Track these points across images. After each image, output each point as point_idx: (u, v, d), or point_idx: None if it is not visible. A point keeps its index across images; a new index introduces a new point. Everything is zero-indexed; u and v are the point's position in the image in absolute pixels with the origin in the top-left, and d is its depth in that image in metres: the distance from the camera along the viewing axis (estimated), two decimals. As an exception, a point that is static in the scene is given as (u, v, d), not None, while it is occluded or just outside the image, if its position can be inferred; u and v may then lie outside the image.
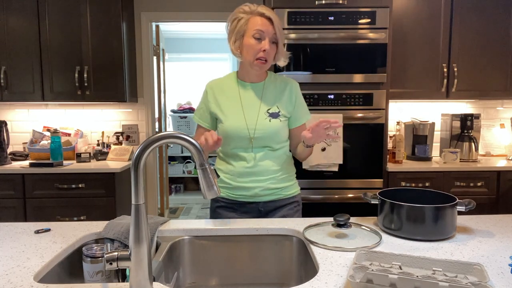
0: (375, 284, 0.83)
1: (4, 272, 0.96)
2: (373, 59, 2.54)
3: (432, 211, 1.16)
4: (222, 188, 1.57)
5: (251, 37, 1.44)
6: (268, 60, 1.46)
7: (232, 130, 1.49)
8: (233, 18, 1.50)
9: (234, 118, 1.50)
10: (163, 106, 4.16)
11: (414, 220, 1.17)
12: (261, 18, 1.44)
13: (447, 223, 1.17)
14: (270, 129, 1.49)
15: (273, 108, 1.52)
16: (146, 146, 0.84)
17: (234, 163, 1.53)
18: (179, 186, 5.43)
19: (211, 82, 1.59)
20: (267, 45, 1.43)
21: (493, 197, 2.70)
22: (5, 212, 2.71)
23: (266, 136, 1.49)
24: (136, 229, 0.83)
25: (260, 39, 1.43)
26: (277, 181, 1.53)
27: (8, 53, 2.91)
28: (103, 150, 3.09)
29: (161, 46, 4.10)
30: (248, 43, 1.44)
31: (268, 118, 1.50)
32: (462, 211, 1.22)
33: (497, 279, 0.91)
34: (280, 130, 1.51)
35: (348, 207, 2.52)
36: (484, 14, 2.86)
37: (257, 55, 1.44)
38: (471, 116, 2.94)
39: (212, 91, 1.56)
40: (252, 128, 1.48)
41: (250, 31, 1.44)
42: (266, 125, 1.48)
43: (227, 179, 1.54)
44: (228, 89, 1.56)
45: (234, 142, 1.51)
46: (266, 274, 1.30)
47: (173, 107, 5.51)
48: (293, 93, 1.56)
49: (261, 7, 1.46)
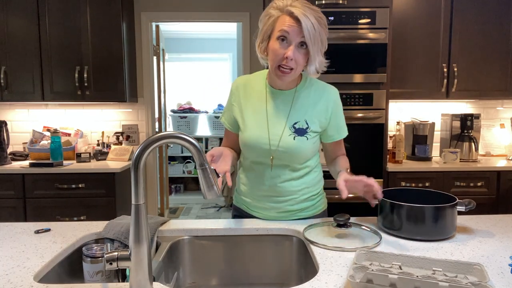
0: (375, 284, 0.83)
1: (4, 272, 0.96)
2: (373, 59, 2.54)
3: (432, 211, 1.16)
4: (241, 200, 1.46)
5: (276, 39, 1.20)
6: (294, 69, 1.21)
7: (252, 141, 1.31)
8: (264, 15, 1.25)
9: (256, 128, 1.31)
10: (163, 106, 4.16)
11: (414, 220, 1.17)
12: (290, 17, 1.18)
13: (447, 223, 1.17)
14: (293, 149, 1.29)
15: (301, 122, 1.30)
16: (146, 146, 0.84)
17: (251, 178, 1.39)
18: (179, 186, 5.43)
19: (238, 80, 1.40)
20: (290, 51, 1.17)
21: (493, 197, 2.70)
22: (5, 212, 2.71)
23: (288, 156, 1.30)
24: (136, 229, 0.83)
25: (285, 41, 1.19)
26: (297, 202, 1.36)
27: (8, 53, 2.91)
28: (103, 150, 3.09)
29: (161, 46, 4.10)
30: (272, 46, 1.21)
31: (292, 135, 1.29)
32: (462, 211, 1.22)
33: (497, 279, 0.91)
34: (304, 149, 1.30)
35: (348, 207, 2.52)
36: (484, 14, 2.86)
37: (280, 62, 1.20)
38: (471, 116, 2.94)
39: (238, 93, 1.38)
40: (275, 144, 1.29)
41: (275, 32, 1.20)
42: (289, 144, 1.29)
43: (246, 191, 1.42)
44: (255, 93, 1.36)
45: (253, 155, 1.35)
46: (266, 274, 1.30)
47: (173, 107, 5.51)
48: (330, 104, 1.33)
49: (295, 2, 1.19)
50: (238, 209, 1.49)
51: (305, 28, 1.15)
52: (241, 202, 1.47)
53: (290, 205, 1.36)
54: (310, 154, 1.35)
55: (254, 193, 1.39)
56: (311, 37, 1.16)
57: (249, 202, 1.43)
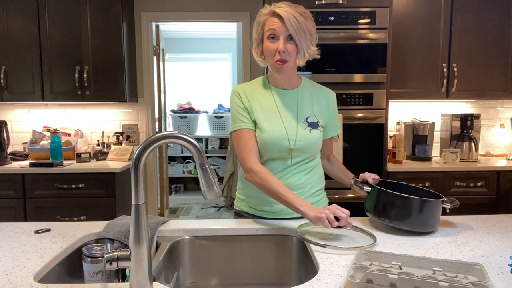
0: (375, 284, 0.83)
1: (4, 272, 0.96)
2: (373, 59, 2.54)
3: (414, 202, 1.21)
4: (244, 202, 1.47)
5: (267, 39, 1.33)
6: (288, 60, 1.32)
7: (273, 139, 1.36)
8: (255, 25, 1.39)
9: (275, 127, 1.37)
10: (163, 106, 4.16)
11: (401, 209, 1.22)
12: (274, 17, 1.31)
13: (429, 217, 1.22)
14: (311, 141, 1.39)
15: (312, 117, 1.42)
16: (146, 146, 0.84)
17: None
18: (179, 186, 5.43)
19: (239, 87, 1.45)
20: (281, 44, 1.29)
21: (493, 197, 2.70)
22: (5, 212, 2.71)
23: (306, 147, 1.38)
24: (136, 229, 0.83)
25: (275, 38, 1.31)
26: (306, 197, 1.41)
27: (8, 53, 2.91)
28: (103, 150, 3.09)
29: (161, 46, 4.10)
30: (265, 46, 1.34)
31: (308, 129, 1.39)
32: (447, 207, 1.26)
33: (497, 279, 0.91)
34: (319, 141, 1.42)
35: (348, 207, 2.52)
36: (484, 14, 2.86)
37: (274, 57, 1.32)
38: (471, 116, 2.94)
39: (246, 96, 1.41)
40: (293, 138, 1.37)
41: (266, 33, 1.33)
42: (307, 136, 1.38)
43: (252, 191, 1.43)
44: (261, 95, 1.42)
45: (271, 153, 1.39)
46: (266, 274, 1.30)
47: (173, 107, 5.51)
48: (330, 103, 1.48)
49: (280, 4, 1.32)
50: (240, 213, 1.49)
51: (288, 22, 1.27)
52: (245, 205, 1.47)
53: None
54: (320, 147, 1.46)
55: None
56: (295, 28, 1.28)
57: (256, 203, 1.44)
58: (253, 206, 1.45)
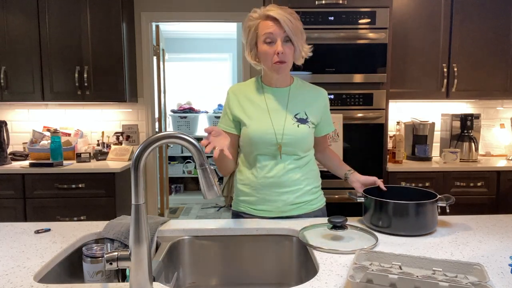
0: (375, 284, 0.83)
1: (4, 272, 0.96)
2: (373, 59, 2.54)
3: (410, 207, 1.21)
4: (241, 202, 1.48)
5: (263, 43, 1.35)
6: (286, 61, 1.36)
7: (258, 134, 1.39)
8: (244, 30, 1.42)
9: (260, 121, 1.41)
10: (163, 106, 4.16)
11: (396, 215, 1.22)
12: (269, 20, 1.34)
13: (427, 218, 1.22)
14: (299, 135, 1.40)
15: (301, 114, 1.44)
16: (146, 146, 0.84)
17: (256, 172, 1.42)
18: (179, 186, 5.43)
19: (233, 87, 1.52)
20: (280, 46, 1.32)
21: (493, 197, 2.70)
22: (5, 212, 2.72)
23: (294, 142, 1.40)
24: (136, 229, 0.83)
25: (272, 42, 1.34)
26: (302, 194, 1.43)
27: (8, 53, 2.91)
28: (103, 150, 3.09)
29: (161, 46, 4.10)
30: (262, 50, 1.36)
31: (296, 124, 1.41)
32: (443, 206, 1.26)
33: (497, 279, 0.91)
34: (308, 136, 1.44)
35: (349, 207, 2.52)
36: (484, 14, 2.86)
37: (273, 59, 1.35)
38: (471, 116, 2.94)
39: (236, 96, 1.47)
40: (280, 133, 1.39)
41: (261, 37, 1.35)
42: (294, 130, 1.40)
43: (248, 189, 1.45)
44: (252, 93, 1.47)
45: (259, 149, 1.41)
46: (266, 274, 1.30)
47: (173, 107, 5.51)
48: (323, 102, 1.51)
49: (270, 7, 1.35)
50: (238, 214, 1.50)
51: (284, 23, 1.31)
52: (242, 205, 1.48)
53: (295, 197, 1.42)
54: (311, 142, 1.47)
55: (259, 189, 1.42)
56: (291, 29, 1.32)
57: (252, 202, 1.45)
58: (250, 205, 1.46)
